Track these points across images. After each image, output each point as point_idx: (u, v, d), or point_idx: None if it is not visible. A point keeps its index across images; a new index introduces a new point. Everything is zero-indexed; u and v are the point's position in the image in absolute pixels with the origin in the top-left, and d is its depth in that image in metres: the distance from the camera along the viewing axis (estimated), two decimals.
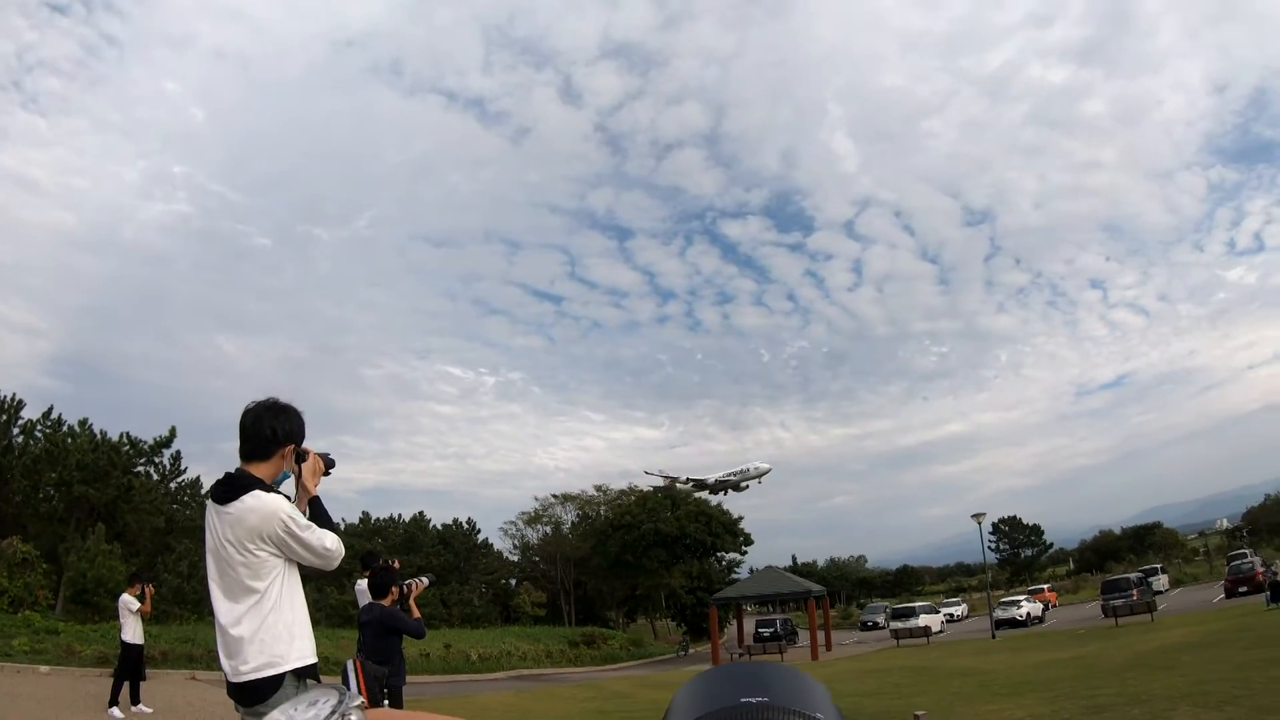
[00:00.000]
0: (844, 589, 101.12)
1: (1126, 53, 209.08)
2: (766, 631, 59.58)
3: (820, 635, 52.94)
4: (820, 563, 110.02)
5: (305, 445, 5.05)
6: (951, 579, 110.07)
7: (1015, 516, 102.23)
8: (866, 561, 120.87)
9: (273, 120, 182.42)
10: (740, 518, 78.75)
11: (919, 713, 9.46)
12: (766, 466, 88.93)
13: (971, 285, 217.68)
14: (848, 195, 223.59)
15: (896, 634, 54.08)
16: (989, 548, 78.34)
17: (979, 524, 60.50)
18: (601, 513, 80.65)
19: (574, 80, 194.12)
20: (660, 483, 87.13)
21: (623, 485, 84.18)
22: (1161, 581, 66.11)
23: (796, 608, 69.99)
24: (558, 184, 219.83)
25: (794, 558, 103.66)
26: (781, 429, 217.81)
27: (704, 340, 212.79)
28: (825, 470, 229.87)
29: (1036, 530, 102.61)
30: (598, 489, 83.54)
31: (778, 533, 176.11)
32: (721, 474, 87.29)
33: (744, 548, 79.72)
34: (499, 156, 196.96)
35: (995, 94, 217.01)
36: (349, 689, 0.81)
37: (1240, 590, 50.90)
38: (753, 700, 0.90)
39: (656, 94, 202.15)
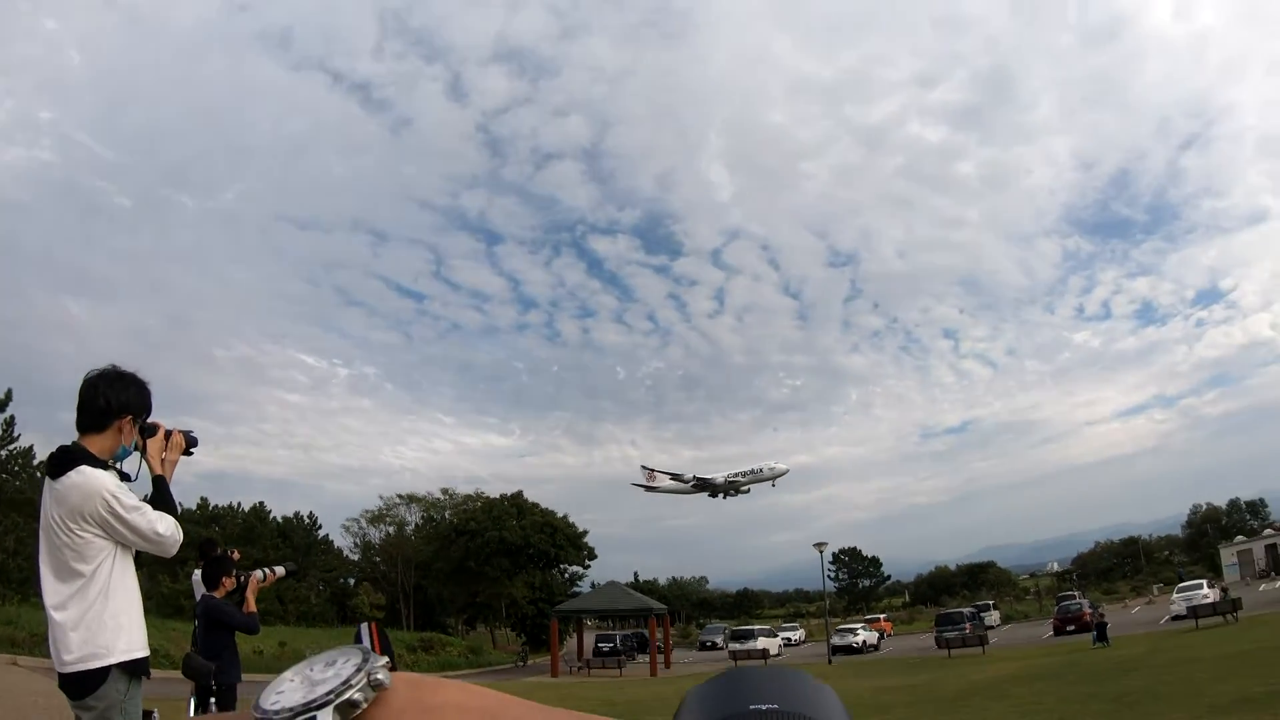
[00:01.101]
0: (684, 608, 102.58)
1: (1003, 122, 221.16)
2: (606, 646, 60.10)
3: (660, 654, 53.69)
4: (662, 581, 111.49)
5: (157, 420, 4.84)
6: (791, 604, 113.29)
7: (856, 548, 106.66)
8: (708, 582, 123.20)
9: (153, 75, 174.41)
10: (585, 531, 79.14)
11: None
12: (784, 468, 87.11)
13: (829, 324, 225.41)
14: (718, 224, 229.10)
15: (735, 655, 55.56)
16: (829, 576, 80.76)
17: (821, 553, 62.66)
18: (446, 517, 79.93)
19: (463, 78, 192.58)
20: (666, 480, 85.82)
21: (469, 490, 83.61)
22: (993, 617, 69.96)
23: (637, 624, 70.66)
24: (433, 180, 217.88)
25: (636, 575, 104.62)
26: (631, 447, 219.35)
27: (561, 352, 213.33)
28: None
29: (875, 562, 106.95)
30: (444, 492, 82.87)
31: (621, 549, 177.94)
32: (731, 473, 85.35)
33: (588, 561, 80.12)
34: (376, 145, 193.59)
35: (873, 144, 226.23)
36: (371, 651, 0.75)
37: (1068, 629, 54.13)
38: (762, 707, 0.88)
39: (543, 102, 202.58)
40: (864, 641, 61.40)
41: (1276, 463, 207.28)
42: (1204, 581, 58.76)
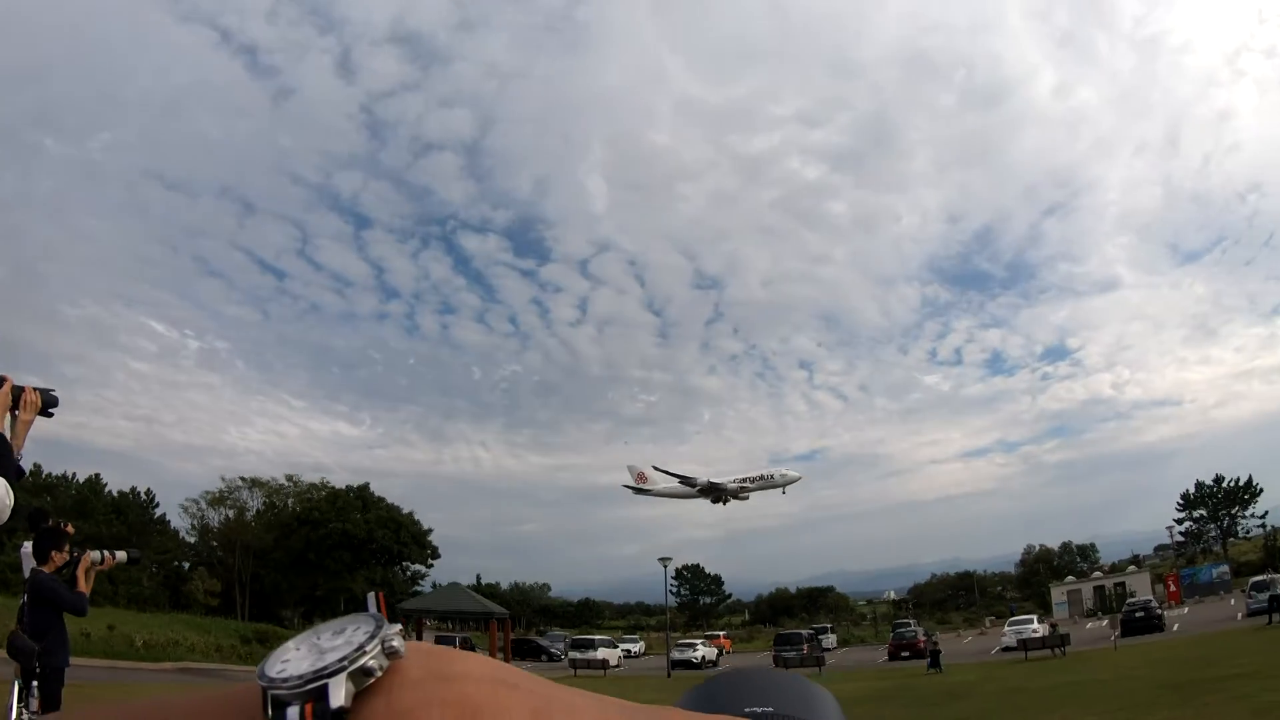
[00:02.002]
0: (526, 614, 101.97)
1: (879, 168, 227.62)
2: None
3: (500, 658, 53.10)
4: (504, 585, 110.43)
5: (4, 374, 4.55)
6: (632, 616, 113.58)
7: (699, 565, 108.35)
8: (550, 589, 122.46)
9: (31, 4, 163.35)
10: (430, 530, 77.91)
11: None
12: (796, 475, 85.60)
13: (689, 343, 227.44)
14: (590, 235, 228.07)
15: (575, 664, 55.38)
16: (671, 591, 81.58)
17: (664, 567, 63.36)
18: (290, 504, 77.47)
19: (354, 55, 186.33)
20: (674, 482, 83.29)
21: (315, 479, 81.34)
22: (831, 640, 71.99)
23: (477, 627, 69.81)
24: (309, 155, 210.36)
25: (479, 577, 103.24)
26: (482, 448, 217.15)
27: (419, 346, 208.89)
28: (520, 495, 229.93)
29: (717, 580, 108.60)
30: (289, 479, 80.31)
31: (465, 550, 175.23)
32: (741, 478, 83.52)
33: (431, 560, 78.90)
34: (256, 112, 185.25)
35: (751, 175, 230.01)
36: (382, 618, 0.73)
37: (903, 655, 56.01)
38: (757, 710, 0.90)
39: (431, 91, 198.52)
40: (703, 657, 62.25)
41: (1107, 511, 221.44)
42: (1034, 617, 61.63)
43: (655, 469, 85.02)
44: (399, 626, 0.68)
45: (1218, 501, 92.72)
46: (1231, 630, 46.32)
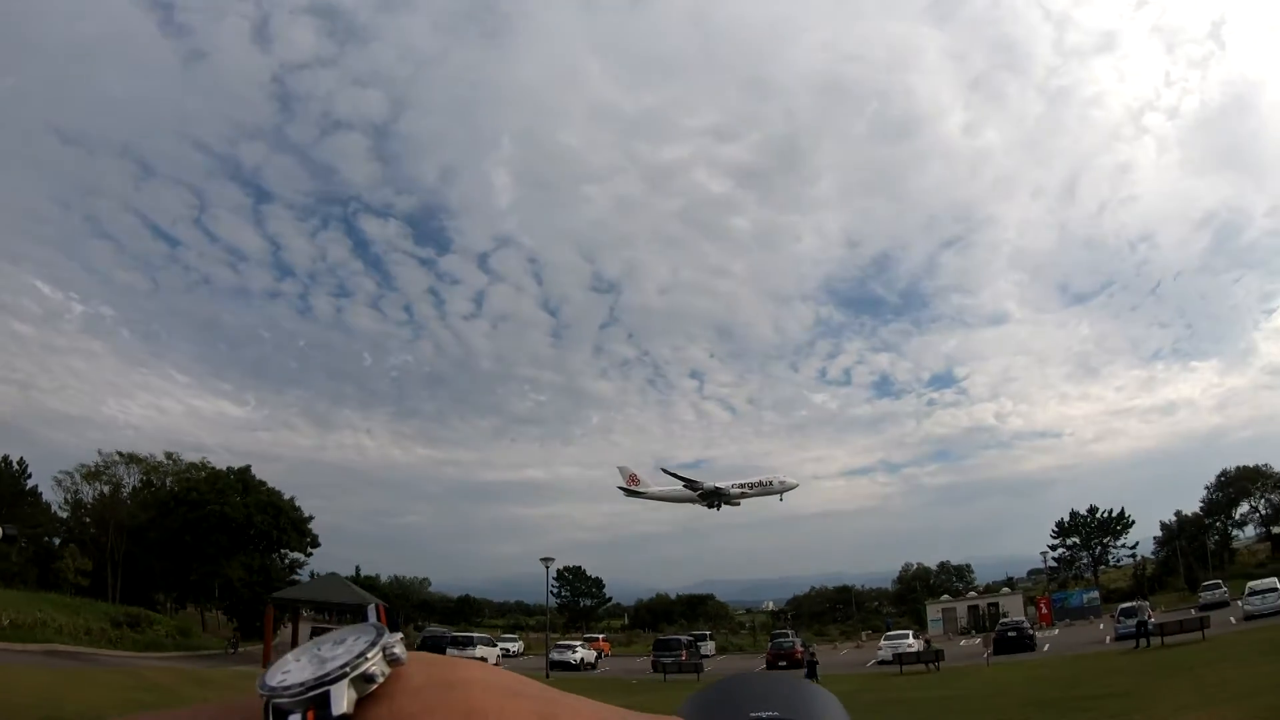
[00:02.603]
0: (404, 609, 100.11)
1: (785, 189, 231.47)
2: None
3: None
4: (384, 578, 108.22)
5: None
6: (511, 615, 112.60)
7: (580, 567, 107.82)
8: (430, 584, 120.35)
9: None
10: (311, 517, 75.87)
11: None
12: (795, 482, 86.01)
13: (582, 345, 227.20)
14: (491, 229, 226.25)
15: None
16: (552, 592, 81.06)
17: (546, 568, 62.92)
18: (168, 484, 74.48)
19: (272, 23, 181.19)
20: (674, 486, 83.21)
21: (195, 458, 78.54)
22: (709, 647, 72.56)
23: (354, 620, 67.70)
24: (215, 122, 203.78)
25: (358, 569, 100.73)
26: (367, 436, 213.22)
27: (311, 328, 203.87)
28: (403, 487, 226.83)
29: (598, 583, 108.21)
30: (168, 456, 77.32)
31: (345, 540, 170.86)
32: (743, 483, 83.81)
33: (310, 549, 76.80)
34: (166, 72, 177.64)
35: (657, 184, 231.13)
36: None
37: (780, 664, 56.59)
38: (762, 715, 0.91)
39: (347, 69, 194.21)
40: (582, 659, 62.28)
41: (984, 534, 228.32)
42: (910, 632, 62.95)
43: (663, 471, 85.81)
44: (400, 635, 0.69)
45: (1091, 531, 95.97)
46: (1100, 653, 47.90)
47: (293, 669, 0.66)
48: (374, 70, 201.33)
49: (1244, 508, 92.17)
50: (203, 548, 67.16)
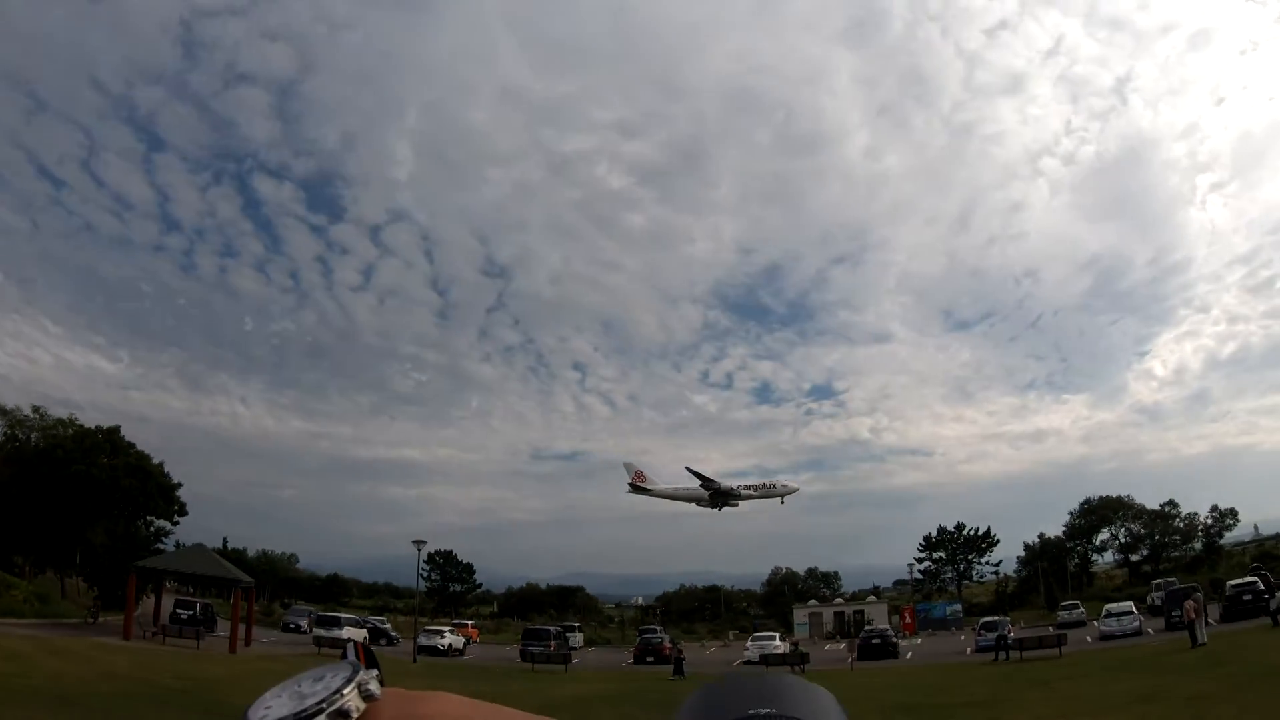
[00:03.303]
0: (271, 584, 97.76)
1: (684, 190, 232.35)
2: (185, 614, 55.67)
3: (242, 629, 50.76)
4: (251, 553, 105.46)
5: None
6: (380, 597, 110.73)
7: (452, 551, 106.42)
8: (298, 561, 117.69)
9: None
10: (179, 484, 73.30)
11: None
12: (795, 486, 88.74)
13: (468, 328, 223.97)
14: (387, 201, 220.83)
15: (319, 641, 53.41)
16: (422, 575, 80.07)
17: (418, 551, 62.00)
18: (33, 439, 70.97)
19: None
20: (683, 483, 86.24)
21: (64, 414, 74.99)
22: (578, 639, 72.51)
23: (219, 594, 66.22)
24: (115, 61, 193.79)
25: (225, 541, 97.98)
26: (242, 404, 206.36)
27: (193, 286, 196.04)
28: (277, 459, 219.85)
29: (469, 568, 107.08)
30: (35, 410, 73.60)
31: (213, 511, 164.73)
32: (747, 485, 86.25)
33: (177, 518, 74.17)
34: (70, 3, 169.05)
35: (558, 172, 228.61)
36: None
37: (648, 659, 56.92)
38: (760, 712, 0.94)
39: (258, 21, 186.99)
40: (450, 645, 61.44)
41: (853, 543, 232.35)
42: (777, 634, 63.97)
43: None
44: (376, 672, 0.73)
45: (957, 546, 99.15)
46: (961, 663, 49.40)
47: (274, 705, 0.68)
48: (286, 25, 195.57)
49: (1104, 535, 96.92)
50: (65, 510, 64.15)
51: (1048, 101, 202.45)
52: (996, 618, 57.44)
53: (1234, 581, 55.37)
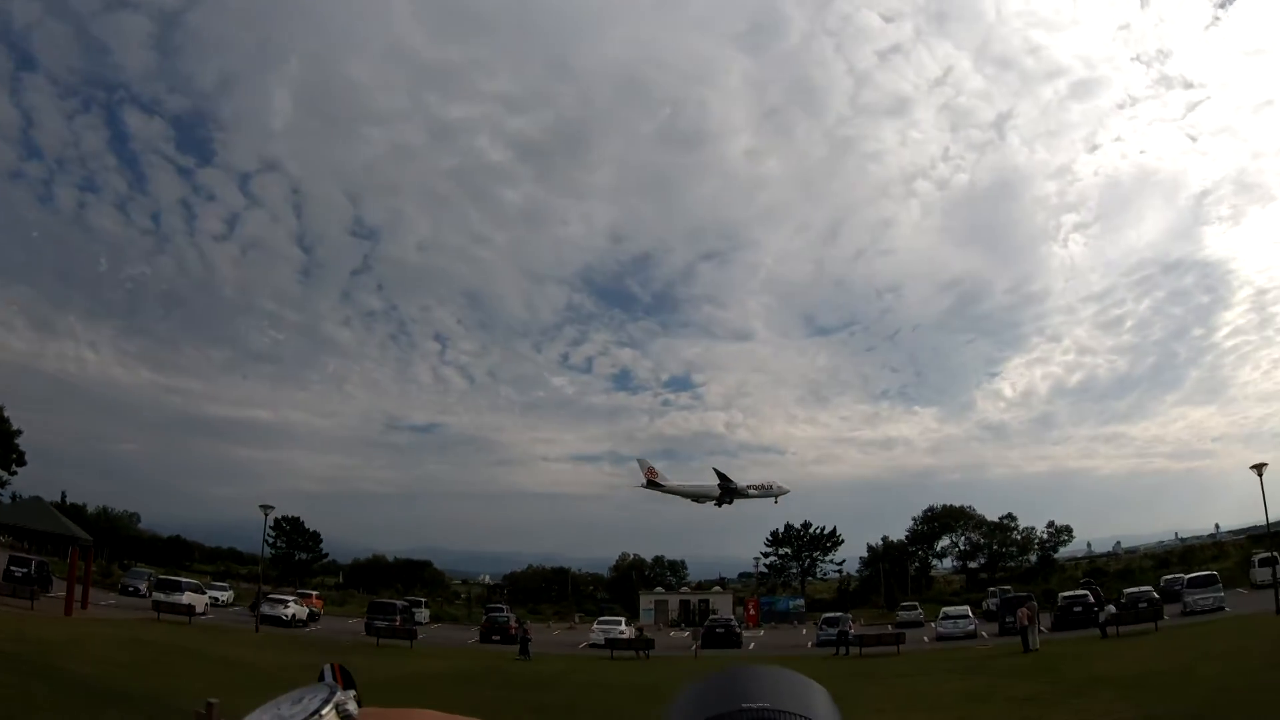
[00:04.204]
0: (111, 544, 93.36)
1: (563, 172, 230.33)
2: (19, 571, 52.79)
3: (79, 590, 48.39)
4: (91, 509, 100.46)
5: None
6: (223, 562, 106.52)
7: (299, 518, 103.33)
8: (140, 520, 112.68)
9: None
10: (20, 431, 69.65)
11: (212, 700, 8.66)
12: (788, 488, 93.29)
13: (330, 289, 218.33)
14: (259, 150, 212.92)
15: (159, 606, 51.32)
16: (267, 541, 77.81)
17: (265, 515, 60.19)
18: None
19: None
20: (705, 482, 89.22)
21: None
22: (424, 614, 71.64)
23: (55, 552, 63.05)
24: None
25: (64, 495, 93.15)
26: (90, 349, 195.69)
27: (48, 219, 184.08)
28: (122, 411, 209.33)
29: (316, 537, 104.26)
30: None
31: (53, 462, 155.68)
32: (752, 485, 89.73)
33: (15, 467, 70.47)
34: None
35: (439, 137, 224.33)
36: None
37: (494, 638, 56.79)
38: (753, 705, 0.95)
39: None
40: (294, 615, 59.67)
41: (700, 534, 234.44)
42: (623, 619, 64.23)
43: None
44: (354, 692, 0.74)
45: (803, 544, 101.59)
46: (802, 656, 50.62)
47: None
48: None
49: (945, 541, 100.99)
50: None
51: (929, 127, 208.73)
52: (838, 614, 58.87)
53: (1066, 593, 58.38)
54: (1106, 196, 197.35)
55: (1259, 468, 49.84)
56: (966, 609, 59.45)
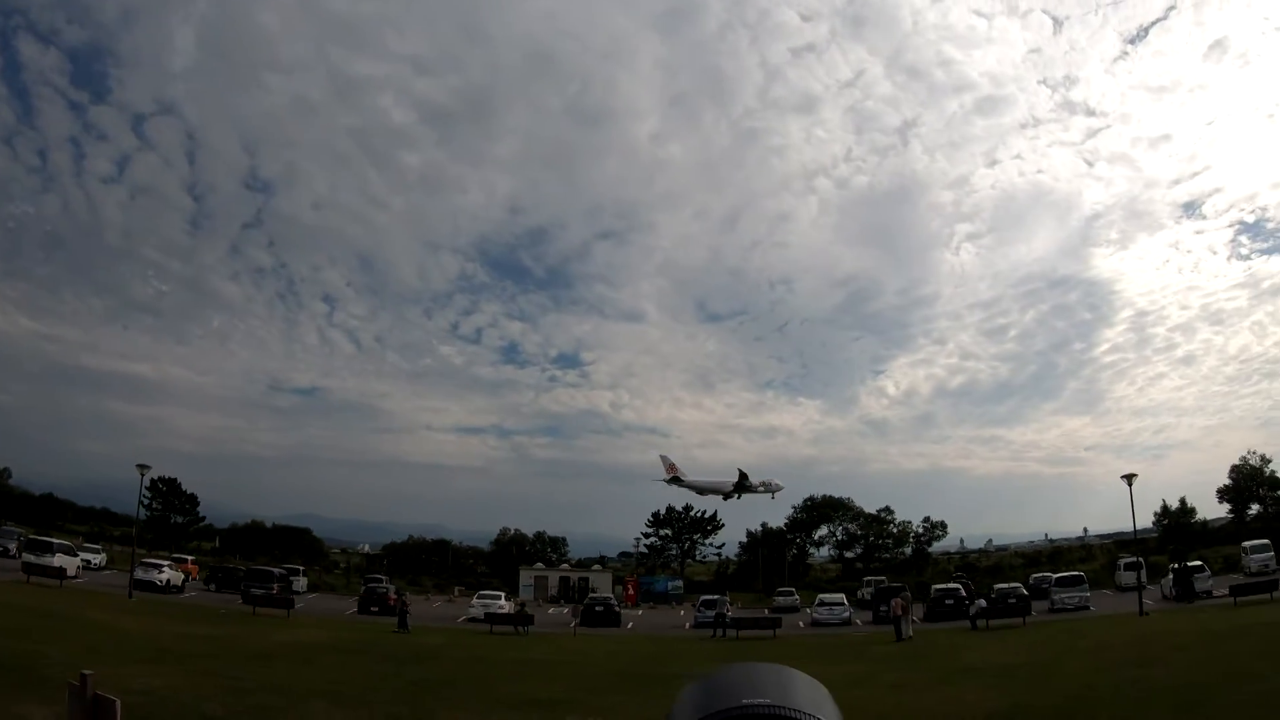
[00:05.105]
0: None
1: (467, 139, 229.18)
2: None
3: None
4: None
5: None
6: (96, 523, 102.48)
7: (176, 479, 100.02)
8: (11, 476, 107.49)
9: None
10: None
11: (86, 672, 8.35)
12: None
13: (219, 242, 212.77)
14: (157, 91, 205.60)
15: (28, 568, 49.15)
16: (143, 503, 75.17)
17: (142, 476, 58.13)
18: None
19: None
20: (721, 477, 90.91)
21: None
22: (302, 583, 70.40)
23: None
24: None
25: None
26: None
27: None
28: None
29: (193, 500, 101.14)
30: None
31: None
32: (758, 480, 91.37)
33: None
34: None
35: (343, 94, 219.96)
36: None
37: (373, 609, 56.01)
38: (755, 702, 0.98)
39: None
40: (169, 581, 57.49)
41: (583, 511, 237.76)
42: (503, 594, 64.11)
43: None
44: None
45: (684, 526, 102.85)
46: (680, 637, 51.23)
47: None
48: None
49: (823, 530, 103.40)
50: None
51: (835, 127, 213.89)
52: (716, 596, 59.61)
53: (939, 586, 60.27)
54: (1001, 210, 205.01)
55: (1129, 478, 52.11)
56: (842, 597, 60.72)
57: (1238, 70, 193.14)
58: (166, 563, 61.12)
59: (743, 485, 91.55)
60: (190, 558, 75.95)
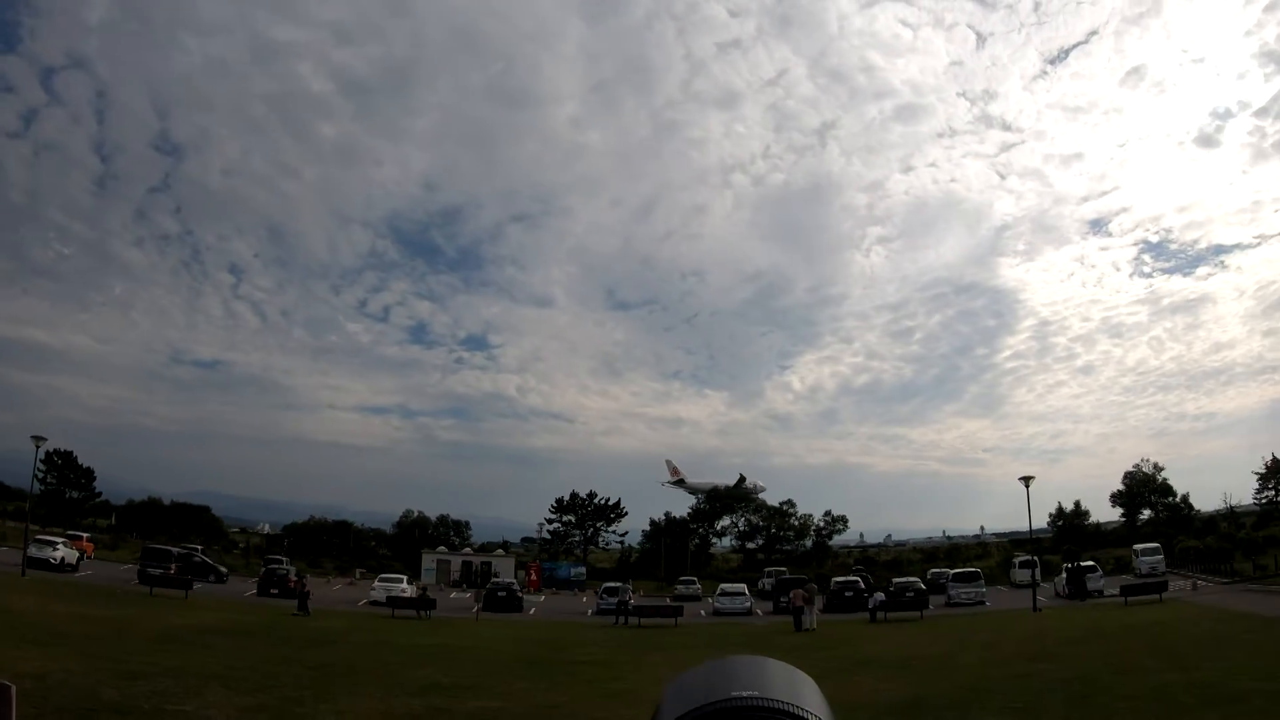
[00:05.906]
0: None
1: (385, 112, 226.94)
2: None
3: None
4: None
5: None
6: None
7: (72, 453, 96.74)
8: None
9: None
10: None
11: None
12: (765, 487, 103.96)
13: (124, 205, 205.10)
14: (70, 45, 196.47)
15: None
16: (37, 476, 72.44)
17: (38, 447, 56.15)
18: None
19: None
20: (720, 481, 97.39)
21: None
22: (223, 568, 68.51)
23: None
24: None
25: None
26: None
27: None
28: None
29: (89, 474, 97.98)
30: None
31: None
32: (751, 482, 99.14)
33: None
34: None
35: (260, 59, 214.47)
36: None
37: (272, 591, 55.00)
38: (743, 694, 0.96)
39: None
40: (63, 559, 55.44)
41: (486, 495, 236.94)
42: (405, 577, 63.47)
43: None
44: None
45: (587, 513, 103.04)
46: (583, 623, 51.33)
47: None
48: None
49: (726, 521, 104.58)
50: None
51: (754, 124, 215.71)
52: (619, 583, 59.90)
53: (839, 579, 61.41)
54: (913, 216, 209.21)
55: (1026, 480, 53.97)
56: (743, 587, 61.40)
57: (1153, 97, 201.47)
58: (61, 540, 58.86)
59: (740, 487, 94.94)
60: (85, 535, 73.18)
